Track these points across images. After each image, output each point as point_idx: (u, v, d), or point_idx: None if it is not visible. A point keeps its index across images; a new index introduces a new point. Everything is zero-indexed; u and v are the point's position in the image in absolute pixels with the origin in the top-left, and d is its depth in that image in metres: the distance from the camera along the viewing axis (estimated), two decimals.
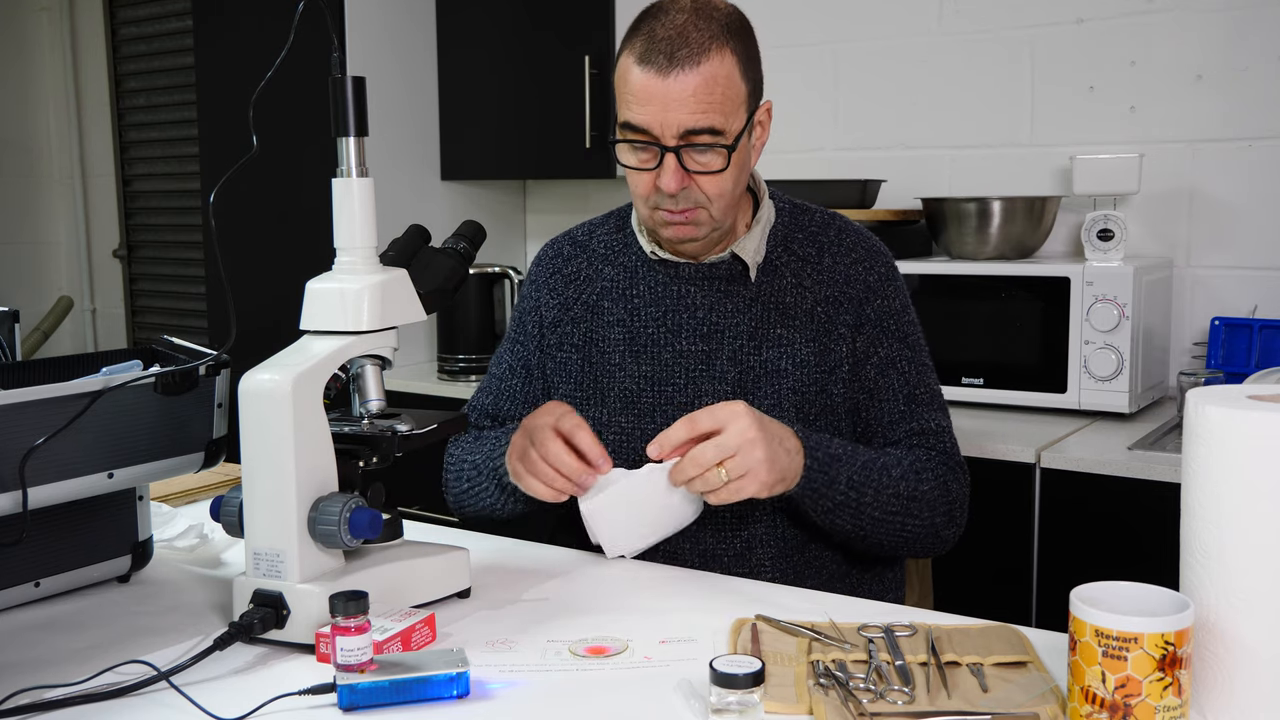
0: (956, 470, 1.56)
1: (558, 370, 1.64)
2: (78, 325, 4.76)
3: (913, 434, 1.55)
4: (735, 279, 1.56)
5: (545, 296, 1.66)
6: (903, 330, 1.57)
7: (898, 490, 1.47)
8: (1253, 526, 0.93)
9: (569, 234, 1.71)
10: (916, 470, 1.50)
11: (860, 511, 1.45)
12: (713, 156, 1.44)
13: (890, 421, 1.55)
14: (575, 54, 2.98)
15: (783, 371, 1.53)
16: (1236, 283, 2.53)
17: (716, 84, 1.41)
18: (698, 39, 1.40)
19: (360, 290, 1.21)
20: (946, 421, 1.59)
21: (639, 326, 1.58)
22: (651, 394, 1.56)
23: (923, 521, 1.50)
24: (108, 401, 1.23)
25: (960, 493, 1.55)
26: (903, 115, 2.91)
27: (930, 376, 1.59)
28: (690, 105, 1.40)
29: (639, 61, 1.41)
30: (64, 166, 4.74)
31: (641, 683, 1.10)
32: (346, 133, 1.23)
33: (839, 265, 1.57)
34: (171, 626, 1.26)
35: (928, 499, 1.49)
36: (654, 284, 1.59)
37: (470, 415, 1.71)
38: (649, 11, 1.46)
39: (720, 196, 1.47)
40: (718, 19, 1.43)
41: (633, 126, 1.43)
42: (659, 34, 1.41)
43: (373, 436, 1.25)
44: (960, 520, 1.56)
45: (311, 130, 2.62)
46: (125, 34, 4.47)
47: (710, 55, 1.40)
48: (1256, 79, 2.48)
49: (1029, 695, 1.03)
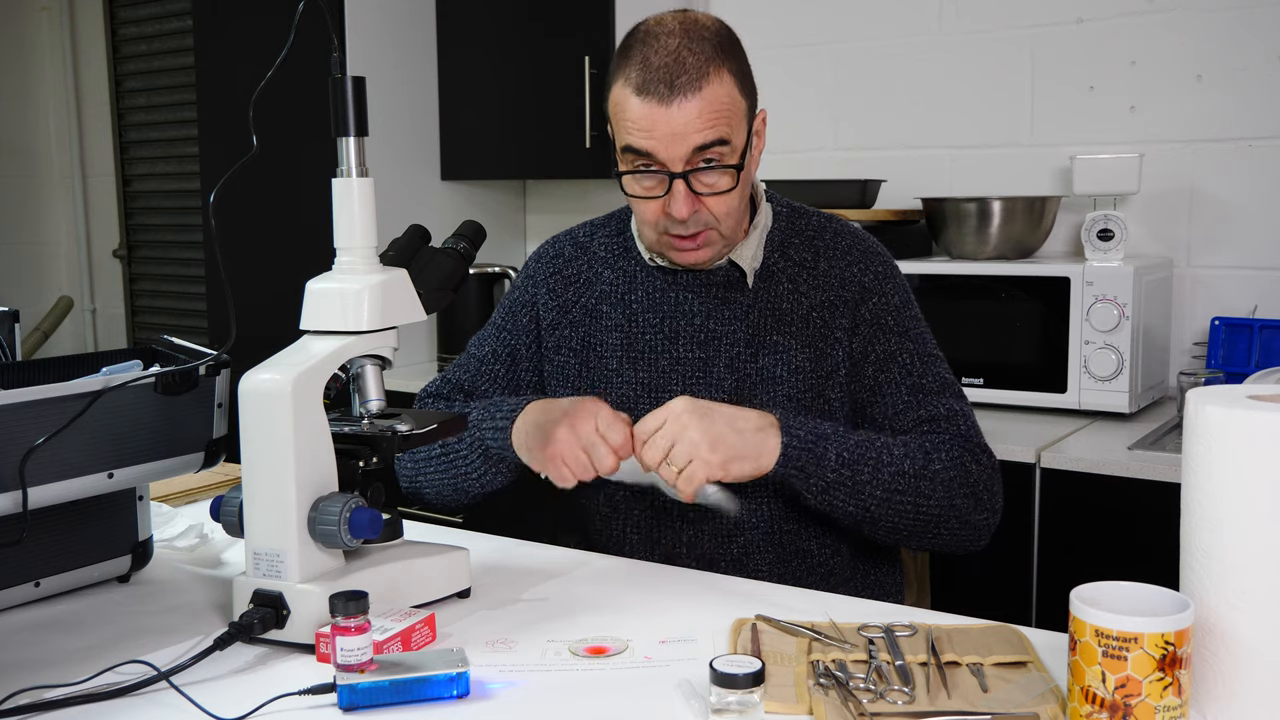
0: (976, 452, 1.49)
1: (555, 374, 1.63)
2: (78, 325, 4.76)
3: (922, 421, 1.50)
4: (732, 285, 1.56)
5: (544, 296, 1.66)
6: (903, 325, 1.55)
7: (901, 468, 1.42)
8: (1252, 526, 0.93)
9: (570, 234, 1.71)
10: (925, 450, 1.45)
11: (859, 490, 1.41)
12: (720, 176, 1.44)
13: (896, 413, 1.51)
14: (575, 54, 2.98)
15: (779, 378, 1.52)
16: (1236, 283, 2.53)
17: (720, 103, 1.41)
18: (694, 63, 1.39)
19: (360, 290, 1.21)
20: (960, 405, 1.52)
21: (636, 332, 1.58)
22: (649, 401, 1.55)
23: (939, 503, 1.44)
24: (108, 401, 1.23)
25: (984, 475, 1.48)
26: (903, 115, 2.91)
27: (938, 366, 1.55)
28: (696, 125, 1.40)
29: (638, 92, 1.40)
30: (64, 167, 4.74)
31: (641, 683, 1.10)
32: (346, 133, 1.23)
33: (834, 269, 1.56)
34: (171, 626, 1.26)
35: (941, 479, 1.44)
36: (652, 290, 1.59)
37: (443, 388, 1.70)
38: (637, 37, 1.44)
39: (729, 215, 1.47)
40: (709, 39, 1.42)
41: (637, 152, 1.43)
42: (654, 61, 1.40)
43: (373, 436, 1.25)
44: (992, 505, 1.49)
45: (311, 130, 2.62)
46: (125, 34, 4.46)
47: (709, 78, 1.40)
48: (1256, 79, 2.48)
49: (1029, 695, 1.03)
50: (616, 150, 1.47)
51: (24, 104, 4.67)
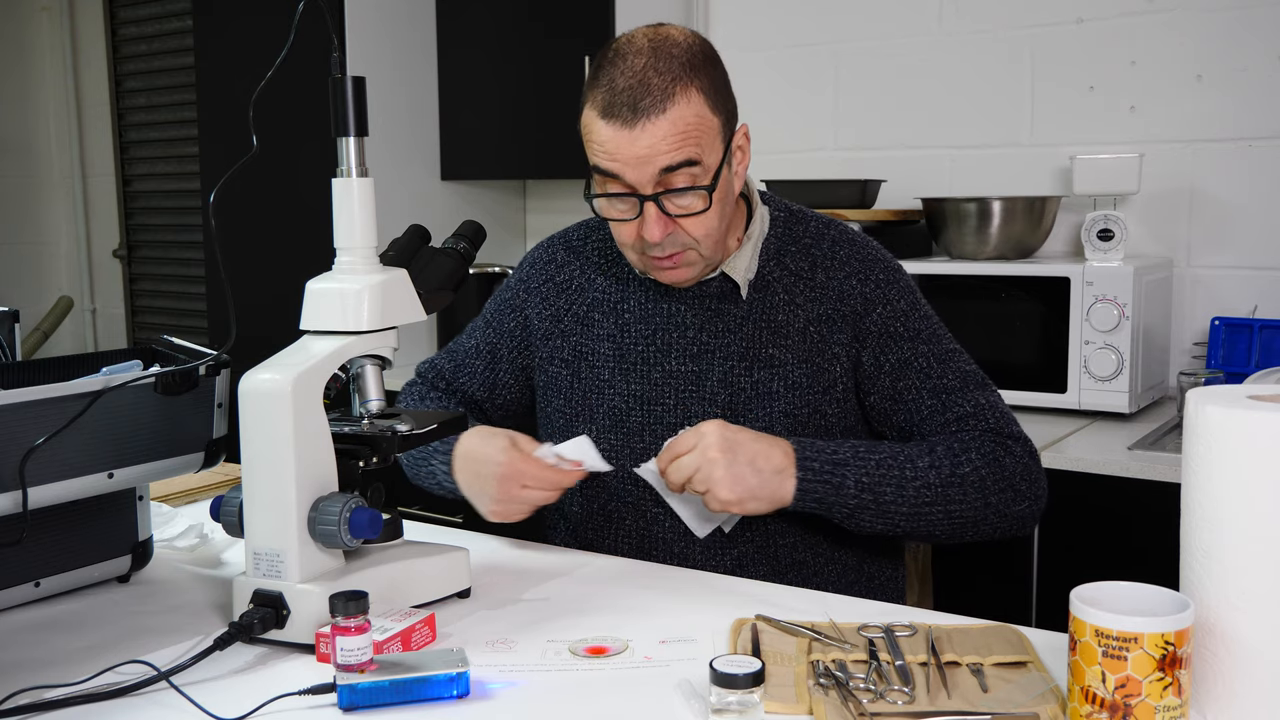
0: (1010, 443, 1.46)
1: (549, 385, 1.63)
2: (78, 325, 4.76)
3: (950, 423, 1.48)
4: (726, 297, 1.53)
5: (535, 304, 1.65)
6: (913, 329, 1.52)
7: (927, 480, 1.41)
8: (1252, 526, 0.93)
9: (564, 237, 1.70)
10: (954, 453, 1.43)
11: (884, 511, 1.40)
12: (693, 199, 1.41)
13: (922, 419, 1.49)
14: (575, 54, 2.97)
15: (774, 394, 1.50)
16: (1236, 283, 2.53)
17: (687, 124, 1.38)
18: (659, 84, 1.37)
19: (360, 290, 1.21)
20: (989, 398, 1.50)
21: (628, 344, 1.56)
22: (640, 413, 1.54)
23: (973, 505, 1.42)
24: (108, 401, 1.23)
25: (1019, 465, 1.45)
26: (903, 115, 2.91)
27: (958, 361, 1.52)
28: (662, 147, 1.37)
29: (603, 115, 1.39)
30: (64, 167, 4.74)
31: (641, 683, 1.10)
32: (346, 133, 1.23)
33: (832, 281, 1.53)
34: (171, 626, 1.26)
35: (972, 480, 1.42)
36: (644, 299, 1.57)
37: (428, 373, 1.73)
38: (606, 57, 1.43)
39: (707, 236, 1.44)
40: (677, 56, 1.39)
41: (606, 174, 1.42)
42: (619, 84, 1.38)
43: (373, 436, 1.25)
44: (1033, 494, 1.46)
45: (311, 130, 2.62)
46: (125, 34, 4.46)
47: (675, 99, 1.37)
48: (1256, 79, 2.48)
49: (1029, 695, 1.03)
50: (590, 174, 1.46)
51: (24, 104, 4.67)
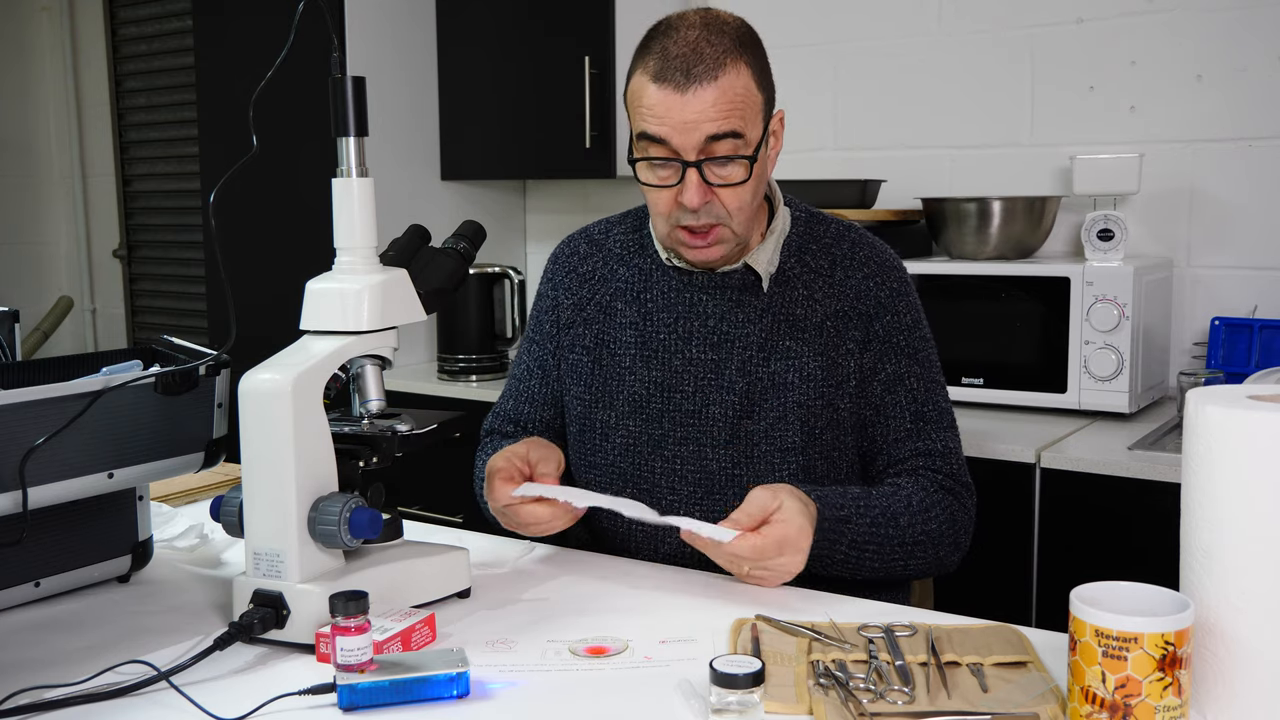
0: (963, 494, 1.55)
1: (570, 371, 1.64)
2: (78, 325, 4.75)
3: (918, 454, 1.54)
4: (748, 289, 1.56)
5: (562, 296, 1.67)
6: (913, 346, 1.56)
7: (903, 539, 1.46)
8: (1252, 526, 0.93)
9: (586, 231, 1.72)
10: (925, 509, 1.49)
11: (860, 565, 1.44)
12: (734, 169, 1.44)
13: (896, 440, 1.54)
14: (575, 54, 2.97)
15: (790, 385, 1.52)
16: (1236, 283, 2.53)
17: (735, 94, 1.42)
18: (712, 54, 1.41)
19: (360, 290, 1.21)
20: (955, 443, 1.57)
21: (651, 331, 1.58)
22: (660, 400, 1.56)
23: (925, 558, 1.50)
24: (108, 401, 1.23)
25: (966, 518, 1.55)
26: (903, 115, 2.91)
27: (940, 394, 1.58)
28: (710, 114, 1.41)
29: (655, 79, 1.42)
30: (64, 167, 4.74)
31: (641, 683, 1.10)
32: (346, 133, 1.23)
33: (850, 279, 1.56)
34: (171, 626, 1.26)
35: (933, 537, 1.49)
36: (667, 289, 1.59)
37: (495, 423, 1.72)
38: (659, 30, 1.46)
39: (741, 210, 1.47)
40: (729, 33, 1.44)
41: (651, 138, 1.44)
42: (672, 51, 1.42)
43: (373, 436, 1.25)
44: (964, 544, 1.56)
45: (311, 130, 2.62)
46: (125, 34, 4.46)
47: (726, 69, 1.41)
48: (1256, 79, 2.48)
49: (1029, 695, 1.03)
50: (632, 140, 1.48)
51: (24, 104, 4.67)
